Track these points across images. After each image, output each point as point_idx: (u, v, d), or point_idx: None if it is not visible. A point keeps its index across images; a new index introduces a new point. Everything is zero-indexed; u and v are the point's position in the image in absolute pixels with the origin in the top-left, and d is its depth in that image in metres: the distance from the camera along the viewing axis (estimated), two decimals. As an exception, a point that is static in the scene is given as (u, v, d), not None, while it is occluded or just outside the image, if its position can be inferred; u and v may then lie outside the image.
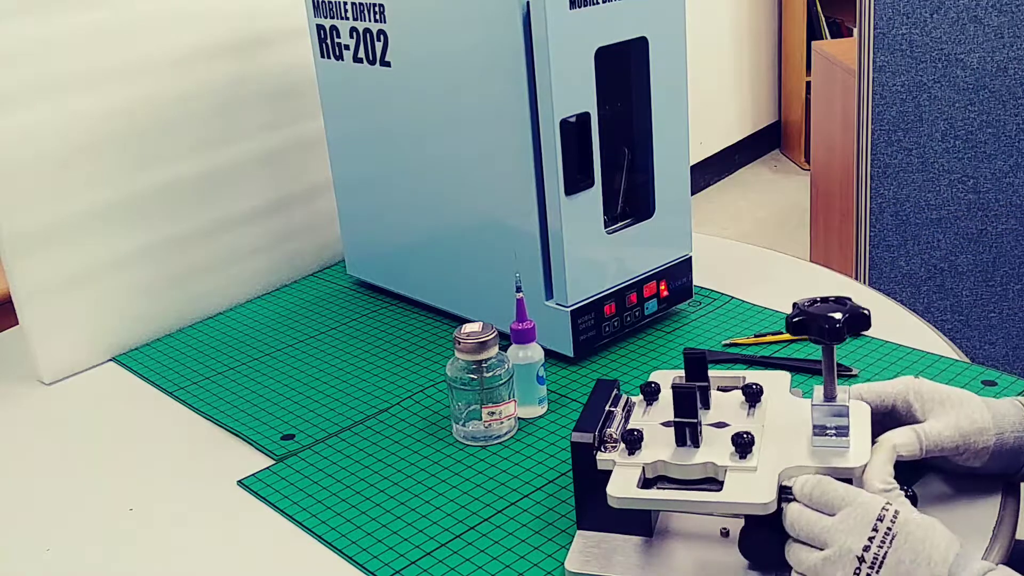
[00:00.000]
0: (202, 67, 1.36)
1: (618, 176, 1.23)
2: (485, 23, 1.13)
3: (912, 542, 0.70)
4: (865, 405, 0.86)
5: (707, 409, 0.87)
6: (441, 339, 1.29)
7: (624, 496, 0.80)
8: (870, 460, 0.79)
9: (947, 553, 0.70)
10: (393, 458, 1.05)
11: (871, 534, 0.71)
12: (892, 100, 2.00)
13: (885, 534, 0.71)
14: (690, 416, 0.81)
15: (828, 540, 0.73)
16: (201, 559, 0.93)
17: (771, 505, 0.76)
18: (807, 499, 0.76)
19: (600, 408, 0.88)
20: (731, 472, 0.79)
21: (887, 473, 0.78)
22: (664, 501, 0.80)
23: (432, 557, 0.89)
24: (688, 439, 0.82)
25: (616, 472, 0.82)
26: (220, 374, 1.26)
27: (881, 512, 0.72)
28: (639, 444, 0.83)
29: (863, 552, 0.71)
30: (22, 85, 1.20)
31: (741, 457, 0.79)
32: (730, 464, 0.79)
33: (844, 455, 0.79)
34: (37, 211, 1.24)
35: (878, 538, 0.71)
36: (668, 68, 1.19)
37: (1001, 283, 2.08)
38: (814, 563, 0.73)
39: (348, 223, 1.45)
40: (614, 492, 0.80)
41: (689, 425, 0.82)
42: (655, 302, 1.24)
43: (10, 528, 1.01)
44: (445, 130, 1.23)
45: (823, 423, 0.81)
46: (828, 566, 0.72)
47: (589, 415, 0.87)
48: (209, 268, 1.42)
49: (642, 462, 0.81)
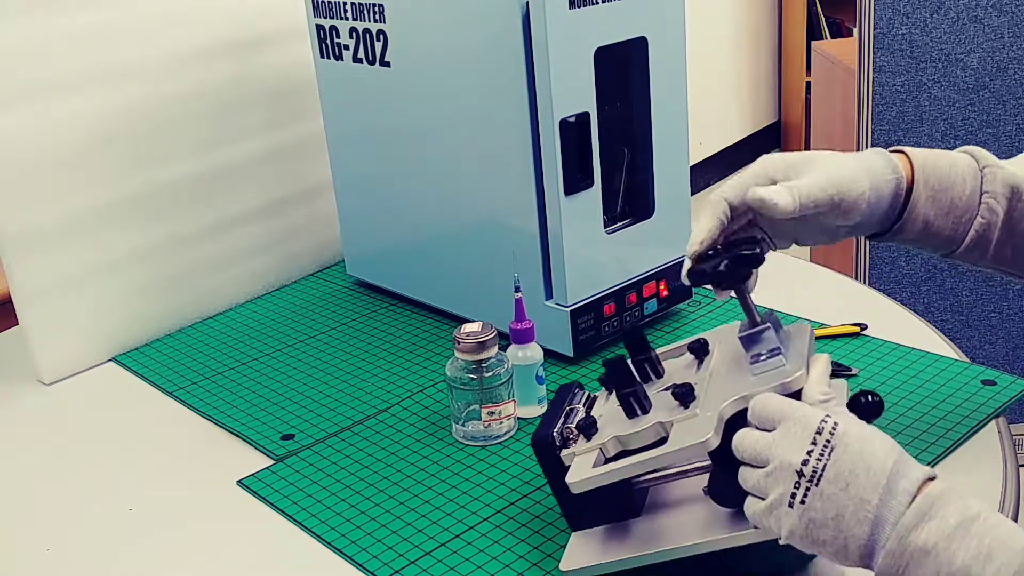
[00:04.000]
0: (202, 67, 1.36)
1: (618, 176, 1.23)
2: (485, 23, 1.13)
3: (851, 453, 0.68)
4: (803, 325, 0.84)
5: (660, 378, 0.87)
6: (441, 339, 1.29)
7: (581, 479, 0.80)
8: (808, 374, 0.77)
9: (886, 462, 0.68)
10: (393, 458, 1.05)
11: (810, 447, 0.69)
12: (892, 100, 2.00)
13: (824, 446, 0.69)
14: (628, 385, 0.81)
15: (769, 456, 0.71)
16: (201, 559, 0.93)
17: (711, 441, 0.74)
18: (754, 420, 0.74)
19: (558, 409, 0.89)
20: (676, 424, 0.78)
21: (825, 384, 0.76)
22: (618, 470, 0.79)
23: (432, 557, 0.89)
24: (637, 408, 0.81)
25: (576, 461, 0.82)
26: (220, 374, 1.26)
27: (820, 424, 0.70)
28: (595, 429, 0.83)
29: (802, 466, 0.69)
30: (23, 85, 1.20)
31: (684, 407, 0.78)
32: (675, 418, 0.78)
33: (780, 372, 0.78)
34: (37, 211, 1.24)
35: (816, 451, 0.69)
36: (668, 68, 1.19)
37: (1001, 283, 2.08)
38: (757, 480, 0.71)
39: (348, 223, 1.45)
40: (572, 479, 0.80)
41: (631, 394, 0.81)
42: (655, 302, 1.24)
43: (10, 528, 1.01)
44: (445, 130, 1.23)
45: (756, 351, 0.80)
46: (771, 481, 0.70)
47: (547, 418, 0.88)
48: (209, 268, 1.42)
49: (598, 443, 0.81)
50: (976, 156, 0.91)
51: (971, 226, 0.89)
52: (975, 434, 0.99)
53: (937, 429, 0.99)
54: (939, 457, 0.95)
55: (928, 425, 1.00)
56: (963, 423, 1.00)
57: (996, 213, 0.89)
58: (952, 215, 0.89)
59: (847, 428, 0.70)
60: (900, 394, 1.06)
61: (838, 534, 0.68)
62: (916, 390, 1.07)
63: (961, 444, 0.98)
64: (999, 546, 0.63)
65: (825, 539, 0.68)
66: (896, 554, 0.65)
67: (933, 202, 0.89)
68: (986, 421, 1.00)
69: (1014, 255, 0.91)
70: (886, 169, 0.88)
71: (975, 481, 0.91)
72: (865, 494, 0.67)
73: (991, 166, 0.90)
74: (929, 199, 0.89)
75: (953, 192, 0.89)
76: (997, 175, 0.89)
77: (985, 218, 0.89)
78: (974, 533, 0.64)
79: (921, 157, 0.90)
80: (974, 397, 1.04)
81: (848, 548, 0.67)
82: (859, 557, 0.67)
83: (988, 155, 0.91)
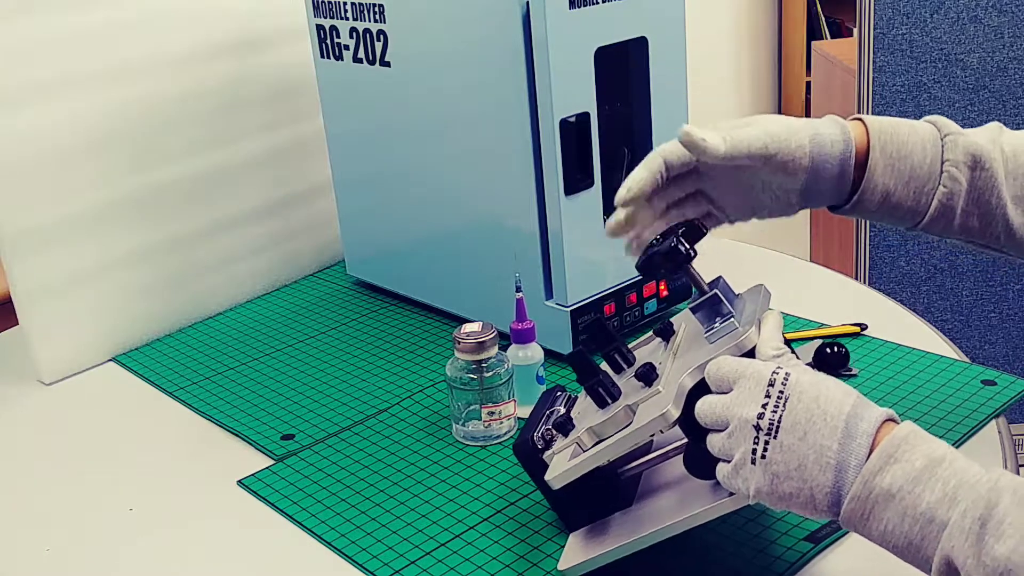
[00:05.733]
0: (202, 67, 1.36)
1: (618, 176, 1.22)
2: (485, 23, 1.13)
3: (806, 401, 0.67)
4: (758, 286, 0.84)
5: (631, 366, 0.87)
6: (441, 339, 1.29)
7: (557, 474, 0.80)
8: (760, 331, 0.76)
9: (842, 406, 0.67)
10: (393, 458, 1.05)
11: (764, 400, 0.68)
12: (892, 100, 2.00)
13: (777, 398, 0.68)
14: (592, 375, 0.81)
15: (728, 416, 0.70)
16: (201, 559, 0.93)
17: (671, 413, 0.74)
18: (712, 385, 0.73)
19: (540, 413, 0.89)
20: (642, 404, 0.78)
21: (777, 339, 0.75)
22: (590, 458, 0.79)
23: (432, 557, 0.89)
24: (606, 397, 0.81)
25: (554, 459, 0.83)
26: (220, 374, 1.26)
27: (772, 377, 0.69)
28: (571, 424, 0.83)
29: (758, 420, 0.68)
30: (22, 85, 1.20)
31: (648, 387, 0.78)
32: (641, 397, 0.78)
33: (732, 334, 0.77)
34: (37, 211, 1.24)
35: (771, 403, 0.68)
36: (668, 68, 1.19)
37: (1001, 283, 2.08)
38: (721, 443, 0.70)
39: (348, 223, 1.45)
40: (550, 475, 0.81)
41: (597, 383, 0.81)
42: (655, 302, 1.24)
43: (10, 528, 1.01)
44: (445, 130, 1.23)
45: (708, 320, 0.80)
46: (733, 442, 0.69)
47: (529, 424, 0.88)
48: (209, 268, 1.42)
49: (574, 438, 0.81)
50: (938, 124, 0.88)
51: (933, 196, 0.86)
52: (975, 434, 0.99)
53: (937, 429, 0.99)
54: (939, 457, 0.95)
55: (928, 425, 1.00)
56: (963, 423, 1.00)
57: (959, 182, 0.86)
58: (912, 184, 0.86)
59: (799, 377, 0.69)
60: (900, 394, 1.06)
61: (802, 485, 0.66)
62: (916, 390, 1.07)
63: (961, 444, 0.97)
64: (965, 488, 0.62)
65: (791, 491, 0.67)
66: (861, 499, 0.64)
67: (892, 171, 0.86)
68: (986, 421, 1.00)
69: (982, 225, 0.87)
70: (834, 130, 0.86)
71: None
72: (824, 440, 0.66)
73: (952, 134, 0.87)
74: (888, 167, 0.86)
75: (913, 160, 0.86)
76: (959, 142, 0.86)
77: (947, 187, 0.86)
78: (939, 476, 0.63)
79: (879, 124, 0.87)
80: (974, 397, 1.04)
81: (815, 498, 0.66)
82: (828, 506, 0.66)
83: (950, 123, 0.88)
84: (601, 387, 0.81)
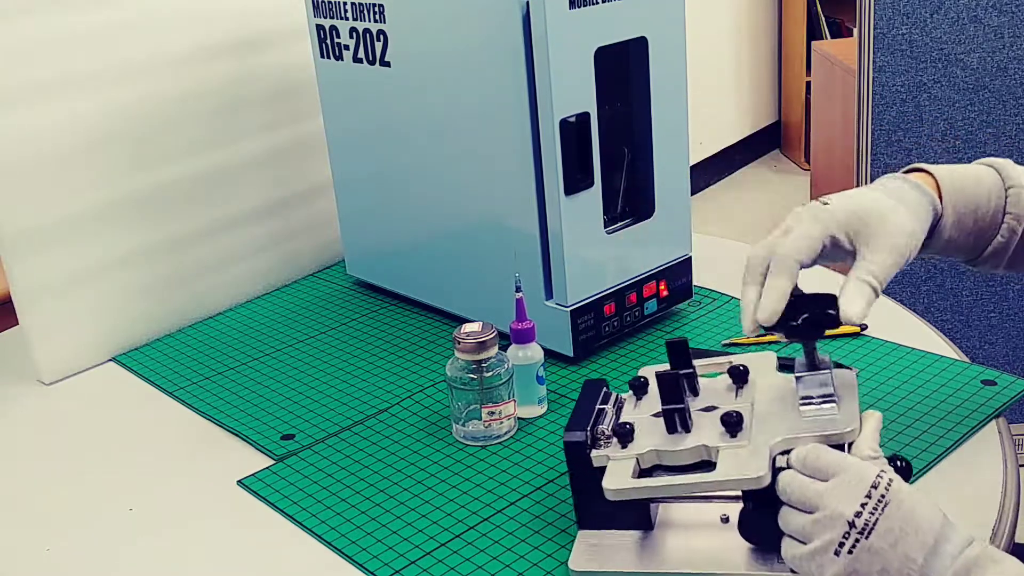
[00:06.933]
0: (202, 67, 1.36)
1: (618, 176, 1.22)
2: (485, 23, 1.13)
3: (904, 510, 0.70)
4: (848, 372, 0.85)
5: (696, 395, 0.87)
6: (441, 339, 1.29)
7: (620, 488, 0.80)
8: (861, 428, 0.78)
9: (934, 523, 0.70)
10: (393, 458, 1.05)
11: (864, 500, 0.71)
12: (892, 100, 2.00)
13: (879, 501, 0.70)
14: (676, 402, 0.82)
15: (820, 504, 0.72)
16: (201, 559, 0.93)
17: (765, 478, 0.75)
18: (801, 466, 0.75)
19: (590, 407, 0.88)
20: (723, 451, 0.78)
21: (875, 441, 0.78)
22: (660, 487, 0.80)
23: (432, 557, 0.89)
24: (678, 425, 0.82)
25: (611, 466, 0.82)
26: (220, 374, 1.26)
27: (876, 479, 0.71)
28: (631, 436, 0.83)
29: (855, 517, 0.70)
30: (22, 85, 1.20)
31: (732, 436, 0.79)
32: (721, 444, 0.79)
33: (833, 421, 0.79)
34: (37, 211, 1.24)
35: (871, 504, 0.70)
36: (668, 68, 1.19)
37: (1001, 283, 2.08)
38: (803, 525, 0.73)
39: (348, 223, 1.45)
40: (610, 485, 0.80)
41: (677, 411, 0.82)
42: (655, 302, 1.24)
43: (10, 528, 1.01)
44: (445, 130, 1.23)
45: (808, 393, 0.81)
46: (818, 528, 0.71)
47: (579, 414, 0.87)
48: (209, 268, 1.42)
49: (635, 453, 0.81)
50: (1001, 171, 0.92)
51: (990, 244, 0.92)
52: (975, 434, 0.99)
53: (937, 429, 0.99)
54: (939, 457, 0.95)
55: (928, 425, 1.00)
56: (963, 423, 1.00)
57: (1016, 232, 0.91)
58: (973, 233, 0.91)
59: (901, 486, 0.72)
60: (900, 394, 1.06)
61: None
62: (916, 390, 1.07)
63: (961, 444, 0.98)
64: None
65: None
66: None
67: (958, 223, 0.91)
68: (986, 421, 1.00)
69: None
70: (929, 211, 0.89)
71: (975, 481, 0.91)
72: (912, 552, 0.69)
73: (1016, 187, 0.91)
74: (955, 222, 0.91)
75: (978, 213, 0.91)
76: (1021, 196, 0.91)
77: (1005, 237, 0.91)
78: None
79: (948, 179, 0.91)
80: (974, 397, 1.04)
81: None
82: None
83: (1012, 170, 0.92)
84: (679, 415, 0.82)
